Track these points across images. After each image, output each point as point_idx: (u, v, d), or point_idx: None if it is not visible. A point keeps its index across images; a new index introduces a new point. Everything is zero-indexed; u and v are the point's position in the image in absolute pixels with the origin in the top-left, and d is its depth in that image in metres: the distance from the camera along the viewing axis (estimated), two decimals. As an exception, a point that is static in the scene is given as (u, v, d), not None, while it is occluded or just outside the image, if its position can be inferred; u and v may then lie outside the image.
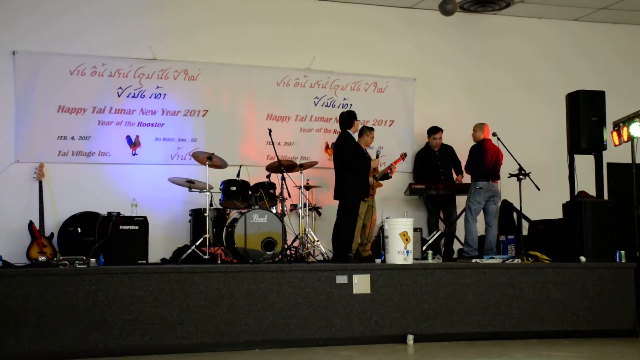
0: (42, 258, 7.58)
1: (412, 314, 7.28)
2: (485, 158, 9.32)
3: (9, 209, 8.84)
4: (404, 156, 9.87)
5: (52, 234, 8.68)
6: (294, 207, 9.33)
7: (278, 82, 10.21)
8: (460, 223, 9.82)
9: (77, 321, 6.42)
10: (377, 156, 9.54)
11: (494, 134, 9.45)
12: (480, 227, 9.45)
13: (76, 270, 6.61)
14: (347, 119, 9.01)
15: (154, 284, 6.66)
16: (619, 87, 10.84)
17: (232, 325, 6.79)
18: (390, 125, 10.64)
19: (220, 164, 8.77)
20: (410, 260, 7.59)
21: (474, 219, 9.28)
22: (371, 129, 9.50)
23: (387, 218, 7.95)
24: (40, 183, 8.80)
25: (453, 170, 10.24)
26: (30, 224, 8.56)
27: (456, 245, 10.01)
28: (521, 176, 8.96)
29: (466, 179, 9.93)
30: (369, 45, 10.64)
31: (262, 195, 8.47)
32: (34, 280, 6.41)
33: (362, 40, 10.60)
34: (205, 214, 8.38)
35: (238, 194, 8.46)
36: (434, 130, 10.22)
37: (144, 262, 8.26)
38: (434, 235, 9.70)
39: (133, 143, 9.52)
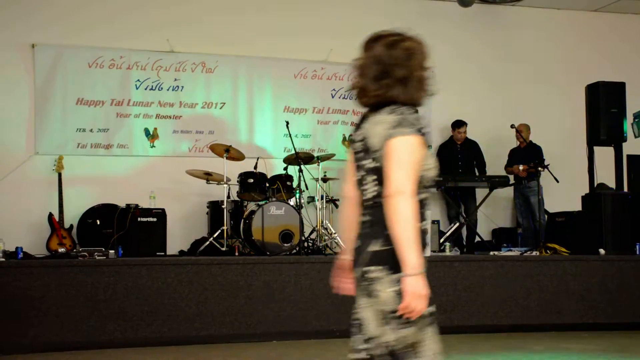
0: (61, 249, 7.63)
1: (429, 306, 7.24)
2: None
3: (29, 201, 8.91)
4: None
5: (71, 226, 8.74)
6: (311, 199, 9.33)
7: (295, 74, 10.20)
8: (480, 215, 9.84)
9: (96, 312, 6.46)
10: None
11: (512, 126, 9.41)
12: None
13: (95, 262, 6.65)
14: None
15: (172, 275, 6.68)
16: (638, 79, 10.73)
17: (249, 317, 6.80)
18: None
19: (238, 156, 8.78)
20: (427, 253, 7.54)
21: None
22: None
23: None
24: (60, 175, 8.85)
25: (476, 166, 10.19)
26: (50, 215, 8.62)
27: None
28: (540, 168, 8.92)
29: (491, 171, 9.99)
30: (386, 37, 10.58)
31: (279, 187, 8.47)
32: (53, 272, 6.45)
33: (380, 32, 10.55)
34: (223, 206, 8.40)
35: (255, 186, 8.46)
36: (456, 125, 10.16)
37: (162, 253, 8.28)
38: (452, 227, 9.67)
39: (151, 135, 9.57)
